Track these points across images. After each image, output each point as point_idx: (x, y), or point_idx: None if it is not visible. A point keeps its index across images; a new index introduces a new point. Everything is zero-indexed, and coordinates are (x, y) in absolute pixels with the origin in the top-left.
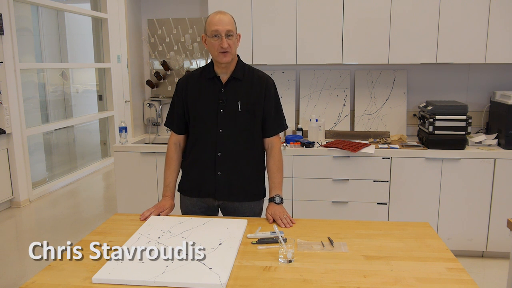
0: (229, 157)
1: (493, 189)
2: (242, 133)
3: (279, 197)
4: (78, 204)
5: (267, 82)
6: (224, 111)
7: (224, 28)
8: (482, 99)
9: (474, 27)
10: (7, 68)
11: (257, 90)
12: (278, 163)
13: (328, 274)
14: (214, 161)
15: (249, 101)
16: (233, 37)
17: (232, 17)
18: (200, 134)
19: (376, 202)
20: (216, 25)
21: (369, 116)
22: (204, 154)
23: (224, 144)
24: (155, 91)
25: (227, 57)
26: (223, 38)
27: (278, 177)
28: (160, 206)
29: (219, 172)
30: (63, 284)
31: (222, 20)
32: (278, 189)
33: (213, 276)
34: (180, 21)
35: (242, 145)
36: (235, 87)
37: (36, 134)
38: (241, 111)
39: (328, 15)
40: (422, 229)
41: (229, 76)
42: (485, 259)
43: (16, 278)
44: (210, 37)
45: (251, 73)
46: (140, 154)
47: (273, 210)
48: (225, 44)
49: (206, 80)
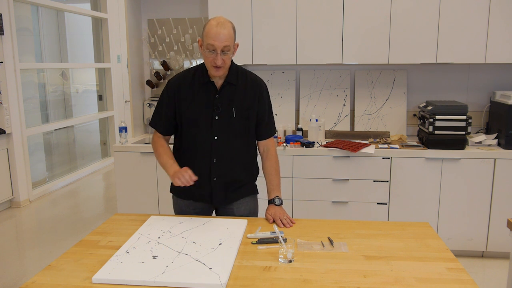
0: (224, 163)
1: (493, 189)
2: (236, 138)
3: (279, 198)
4: (78, 204)
5: (260, 86)
6: (219, 117)
7: (221, 45)
8: (482, 99)
9: (474, 27)
10: (7, 68)
11: (251, 95)
12: (275, 165)
13: (328, 274)
14: (209, 167)
15: (243, 106)
16: (229, 51)
17: (232, 27)
18: (194, 140)
19: (376, 202)
20: (213, 39)
21: (369, 116)
22: (198, 160)
23: (220, 151)
24: (155, 91)
25: (219, 71)
26: (218, 55)
27: (276, 179)
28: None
29: (215, 178)
30: (63, 284)
31: (220, 35)
32: (277, 191)
33: (213, 276)
34: (180, 21)
35: (237, 150)
36: (230, 92)
37: (36, 134)
38: (236, 117)
39: (328, 15)
40: (422, 229)
41: (223, 81)
42: (485, 259)
43: (16, 278)
44: (205, 49)
45: (244, 77)
46: (140, 154)
47: (273, 211)
48: (219, 62)
49: (199, 84)
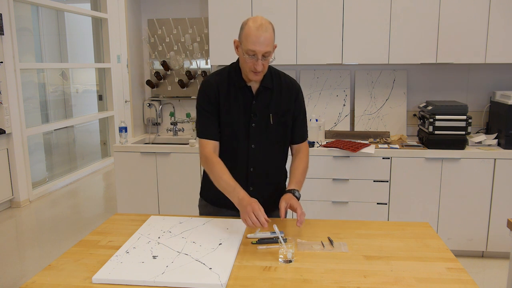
0: (261, 172)
1: (493, 189)
2: (274, 146)
3: (299, 193)
4: (78, 204)
5: (296, 88)
6: (255, 124)
7: (263, 50)
8: (482, 99)
9: (474, 27)
10: (7, 68)
11: (286, 99)
12: (306, 164)
13: (328, 274)
14: (246, 177)
15: (279, 111)
16: (269, 56)
17: (273, 29)
18: (230, 148)
19: (376, 202)
20: (255, 44)
21: (369, 116)
22: (234, 169)
23: (257, 160)
24: (155, 91)
25: (258, 76)
26: (259, 60)
27: (302, 176)
28: (255, 206)
29: (251, 187)
30: (63, 284)
31: (262, 39)
32: (299, 186)
33: (213, 276)
34: (180, 21)
35: (274, 158)
36: (266, 97)
37: (36, 134)
38: (273, 124)
39: (328, 15)
40: (422, 229)
41: (259, 85)
42: (485, 259)
43: (16, 278)
44: (245, 53)
45: (278, 79)
46: (140, 154)
47: (290, 199)
48: (260, 68)
49: (235, 88)
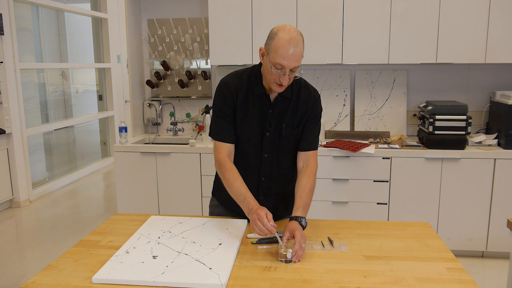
0: (273, 182)
1: (493, 189)
2: (286, 156)
3: (305, 220)
4: (78, 204)
5: (313, 99)
6: (269, 134)
7: (292, 65)
8: (482, 99)
9: (474, 27)
10: (7, 68)
11: (303, 109)
12: (313, 184)
13: (328, 274)
14: (258, 186)
15: (294, 123)
16: (297, 70)
17: (303, 41)
18: (241, 155)
19: (376, 202)
20: (284, 59)
21: (369, 116)
22: (245, 178)
23: (269, 169)
24: (155, 91)
25: (282, 89)
26: (286, 75)
27: (309, 199)
28: (261, 213)
29: (262, 197)
30: (63, 284)
31: (293, 54)
32: (305, 212)
33: (213, 276)
34: (180, 21)
35: (286, 168)
36: (282, 107)
37: (36, 134)
38: (285, 135)
39: (328, 15)
40: (422, 229)
41: (278, 94)
42: (485, 259)
43: (16, 278)
44: (272, 66)
45: (298, 88)
46: (140, 154)
47: (294, 229)
48: (286, 82)
49: (253, 95)
